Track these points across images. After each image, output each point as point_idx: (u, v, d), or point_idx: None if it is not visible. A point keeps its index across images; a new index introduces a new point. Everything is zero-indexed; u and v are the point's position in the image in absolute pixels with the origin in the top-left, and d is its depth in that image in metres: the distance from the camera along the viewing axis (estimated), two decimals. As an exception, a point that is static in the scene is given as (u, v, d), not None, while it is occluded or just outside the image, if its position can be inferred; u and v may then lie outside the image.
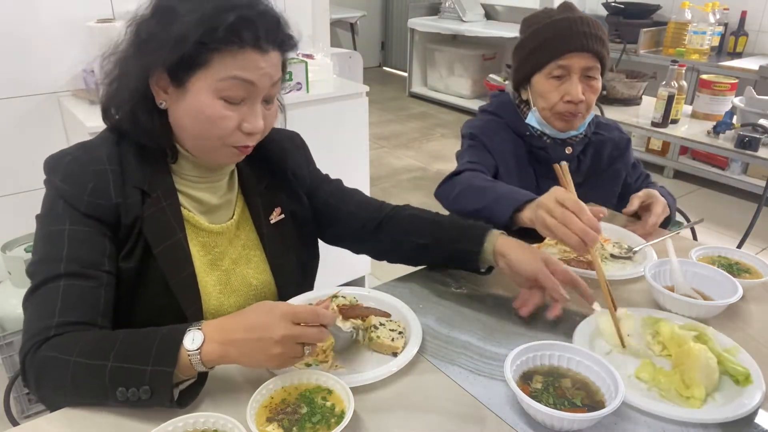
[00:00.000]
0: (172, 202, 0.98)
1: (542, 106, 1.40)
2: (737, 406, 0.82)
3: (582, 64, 1.34)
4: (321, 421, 0.77)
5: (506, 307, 1.08)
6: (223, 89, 0.88)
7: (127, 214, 0.93)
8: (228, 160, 1.00)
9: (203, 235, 1.03)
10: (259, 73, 0.89)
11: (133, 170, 0.96)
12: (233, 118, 0.91)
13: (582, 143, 1.48)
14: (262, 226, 1.08)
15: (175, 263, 0.96)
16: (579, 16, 1.34)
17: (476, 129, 1.49)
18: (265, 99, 0.94)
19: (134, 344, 0.81)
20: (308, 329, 0.80)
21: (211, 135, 0.92)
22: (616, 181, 1.56)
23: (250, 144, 0.95)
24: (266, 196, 1.10)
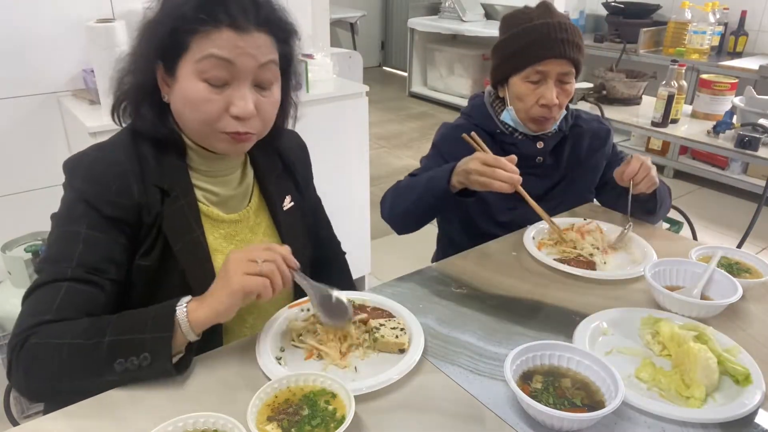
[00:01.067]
0: (190, 200, 1.00)
1: (519, 108, 1.44)
2: (737, 406, 0.83)
3: (558, 70, 1.37)
4: (320, 425, 0.77)
5: (506, 307, 1.08)
6: (203, 70, 0.89)
7: (150, 213, 0.95)
8: (226, 149, 0.98)
9: (224, 226, 1.05)
10: (236, 52, 0.89)
11: (152, 169, 0.97)
12: (217, 101, 0.91)
13: (556, 138, 1.50)
14: (278, 213, 1.12)
15: (194, 260, 0.98)
16: (558, 22, 1.37)
17: (439, 137, 1.56)
18: (258, 84, 0.94)
19: (130, 319, 0.86)
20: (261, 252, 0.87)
21: (199, 120, 0.93)
22: (596, 172, 1.56)
23: (242, 130, 0.94)
24: (280, 183, 1.13)
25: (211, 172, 1.03)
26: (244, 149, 1.01)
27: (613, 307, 1.06)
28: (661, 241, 1.33)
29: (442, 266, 1.23)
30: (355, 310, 1.02)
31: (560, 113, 1.44)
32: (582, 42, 1.40)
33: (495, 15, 5.45)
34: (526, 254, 1.26)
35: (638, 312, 1.04)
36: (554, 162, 1.51)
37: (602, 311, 1.04)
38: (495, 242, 1.33)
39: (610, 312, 1.04)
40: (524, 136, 1.48)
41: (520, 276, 1.19)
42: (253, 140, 0.99)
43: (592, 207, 1.51)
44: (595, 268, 1.22)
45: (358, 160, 2.44)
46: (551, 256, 1.26)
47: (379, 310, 1.04)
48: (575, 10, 4.62)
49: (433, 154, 1.54)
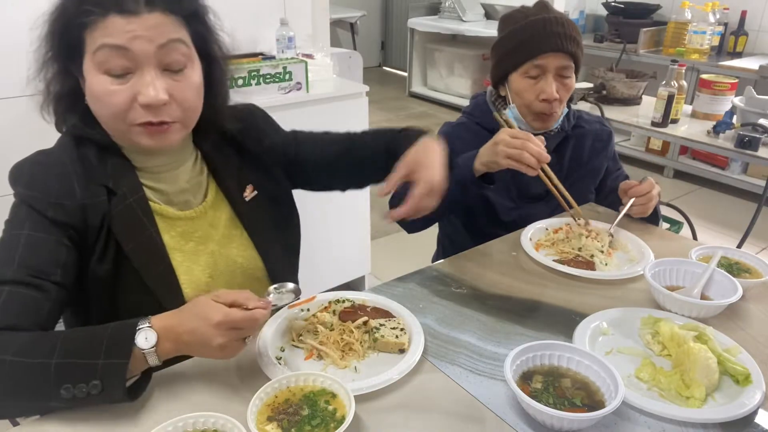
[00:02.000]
0: (139, 198, 0.96)
1: (520, 104, 1.44)
2: (737, 406, 0.83)
3: (556, 64, 1.37)
4: (320, 425, 0.77)
5: (506, 307, 1.08)
6: (101, 63, 0.85)
7: (95, 214, 0.92)
8: (148, 143, 0.92)
9: (180, 224, 1.01)
10: (127, 37, 0.84)
11: (96, 169, 0.94)
12: (121, 92, 0.86)
13: (558, 137, 1.50)
14: (238, 204, 1.07)
15: (148, 259, 0.95)
16: (554, 17, 1.38)
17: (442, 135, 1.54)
18: (167, 67, 0.88)
19: (80, 340, 0.80)
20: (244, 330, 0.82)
21: (108, 115, 0.89)
22: (598, 175, 1.57)
23: (155, 120, 0.88)
24: (236, 173, 1.09)
25: (154, 168, 0.99)
26: (168, 141, 0.93)
27: (612, 307, 1.06)
28: (661, 241, 1.33)
29: (442, 266, 1.23)
30: (356, 310, 1.02)
31: (561, 109, 1.44)
32: (580, 36, 1.40)
33: (495, 15, 5.45)
34: (526, 254, 1.26)
35: (638, 312, 1.04)
36: (556, 162, 1.51)
37: (602, 311, 1.04)
38: (495, 242, 1.33)
39: (610, 312, 1.04)
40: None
41: (520, 276, 1.19)
42: (178, 130, 0.93)
43: (591, 207, 1.51)
44: (594, 268, 1.22)
45: (358, 160, 2.44)
46: (550, 256, 1.26)
47: (379, 310, 1.04)
48: (575, 10, 4.62)
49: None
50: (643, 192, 1.34)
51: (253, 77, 2.04)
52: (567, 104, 1.51)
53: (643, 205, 1.35)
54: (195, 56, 0.93)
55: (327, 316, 1.00)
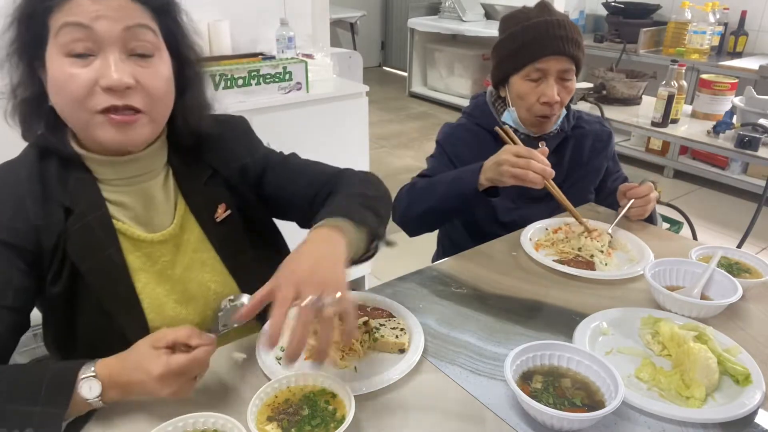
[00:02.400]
0: (101, 215, 0.90)
1: (521, 107, 1.44)
2: (737, 406, 0.82)
3: (558, 67, 1.37)
4: (320, 425, 0.77)
5: (506, 307, 1.08)
6: (63, 45, 0.81)
7: (49, 235, 0.87)
8: (107, 135, 0.85)
9: (145, 246, 0.95)
10: (90, 15, 0.80)
11: (54, 187, 0.89)
12: (83, 74, 0.81)
13: (558, 138, 1.50)
14: (209, 226, 1.00)
15: (107, 281, 0.90)
16: (556, 19, 1.37)
17: (443, 136, 1.56)
18: (133, 52, 0.84)
19: (19, 382, 0.75)
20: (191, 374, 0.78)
21: (70, 101, 0.83)
22: (598, 175, 1.57)
23: (117, 104, 0.82)
24: (207, 193, 1.01)
25: (121, 181, 0.93)
26: (135, 136, 0.86)
27: (612, 307, 1.06)
28: (661, 241, 1.33)
29: (442, 266, 1.23)
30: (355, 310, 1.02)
31: (561, 109, 1.44)
32: (581, 39, 1.40)
33: (495, 15, 5.45)
34: (526, 254, 1.26)
35: (638, 312, 1.04)
36: (556, 162, 1.51)
37: (602, 311, 1.04)
38: (495, 242, 1.33)
39: (610, 312, 1.04)
40: (526, 136, 1.48)
41: (520, 276, 1.19)
42: (145, 123, 0.87)
43: (591, 207, 1.51)
44: (594, 268, 1.22)
45: (358, 160, 2.44)
46: (550, 257, 1.26)
47: (379, 310, 1.04)
48: (575, 10, 4.62)
49: (439, 152, 1.54)
50: (641, 194, 1.35)
51: (253, 77, 2.04)
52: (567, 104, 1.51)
53: (641, 207, 1.36)
54: (164, 49, 0.89)
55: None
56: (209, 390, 0.86)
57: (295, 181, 1.08)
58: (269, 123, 2.11)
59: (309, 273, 0.77)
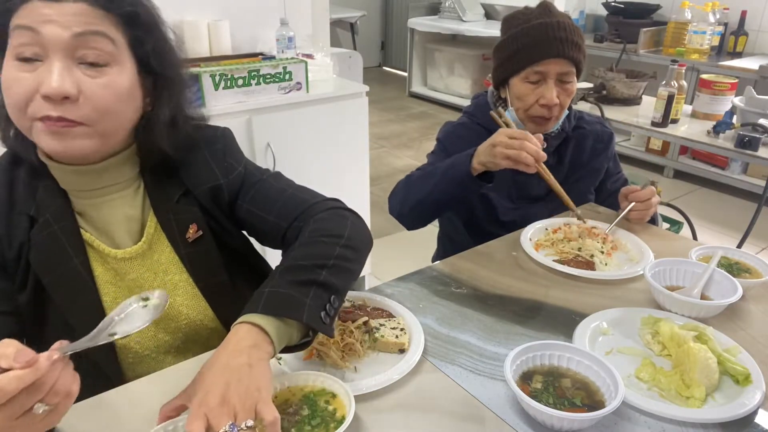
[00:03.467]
0: (66, 225, 0.88)
1: (518, 108, 1.44)
2: (737, 406, 0.83)
3: (558, 70, 1.37)
4: (320, 425, 0.77)
5: (506, 307, 1.08)
6: (14, 47, 0.78)
7: (11, 245, 0.86)
8: (44, 142, 0.81)
9: (112, 261, 0.92)
10: (41, 20, 0.77)
11: (21, 195, 0.88)
12: (27, 79, 0.77)
13: (559, 138, 1.50)
14: (180, 246, 0.96)
15: (72, 293, 0.87)
16: (557, 21, 1.36)
17: (443, 134, 1.56)
18: (81, 59, 0.79)
19: None
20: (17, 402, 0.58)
21: (11, 106, 0.80)
22: (598, 176, 1.57)
23: (54, 114, 0.78)
24: (178, 211, 0.96)
25: (86, 194, 0.90)
26: (73, 146, 0.81)
27: (612, 307, 1.06)
28: (661, 241, 1.33)
29: (442, 266, 1.23)
30: (356, 310, 1.02)
31: (561, 113, 1.44)
32: (582, 41, 1.39)
33: (495, 15, 5.45)
34: (526, 254, 1.26)
35: (638, 312, 1.04)
36: (557, 163, 1.51)
37: (602, 311, 1.04)
38: (495, 242, 1.33)
39: (610, 312, 1.04)
40: None
41: (520, 276, 1.19)
42: (85, 134, 0.81)
43: (591, 207, 1.51)
44: (594, 268, 1.22)
45: (358, 160, 2.44)
46: (550, 257, 1.26)
47: (379, 310, 1.04)
48: (575, 10, 4.62)
49: (439, 148, 1.54)
50: (642, 198, 1.35)
51: (253, 77, 2.04)
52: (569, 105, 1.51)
53: (641, 211, 1.36)
54: (124, 59, 0.84)
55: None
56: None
57: (267, 209, 1.00)
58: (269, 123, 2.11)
59: (220, 396, 0.68)
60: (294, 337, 0.81)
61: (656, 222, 1.47)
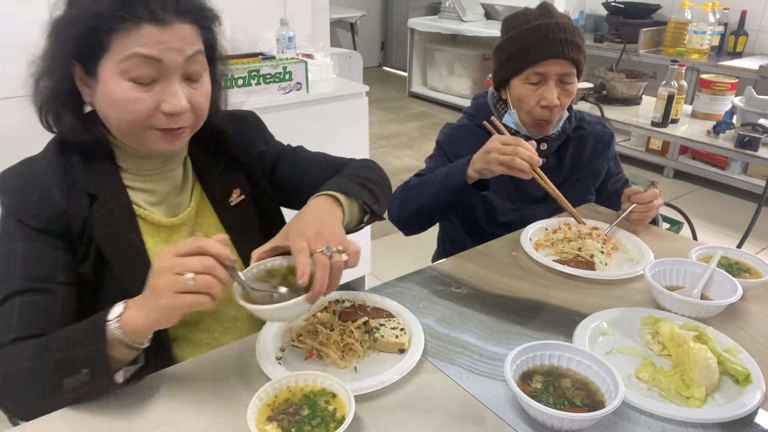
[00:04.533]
0: (122, 203, 0.96)
1: (521, 110, 1.44)
2: (737, 406, 0.83)
3: (558, 71, 1.37)
4: (320, 425, 0.77)
5: (506, 307, 1.08)
6: (128, 70, 0.85)
7: (77, 220, 0.92)
8: (161, 147, 0.93)
9: (163, 231, 1.00)
10: (160, 48, 0.85)
11: (78, 175, 0.94)
12: (146, 99, 0.87)
13: (559, 139, 1.50)
14: (222, 210, 1.06)
15: (129, 264, 0.94)
16: (556, 22, 1.36)
17: (443, 137, 1.56)
18: (188, 77, 0.90)
19: (65, 335, 0.82)
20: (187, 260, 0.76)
21: (128, 120, 0.89)
22: (599, 176, 1.57)
23: (174, 126, 0.90)
24: (223, 179, 1.08)
25: (145, 172, 0.99)
26: (180, 145, 0.96)
27: (612, 307, 1.06)
28: (661, 241, 1.33)
29: (442, 266, 1.23)
30: (356, 310, 1.02)
31: (561, 114, 1.44)
32: (582, 42, 1.39)
33: (495, 15, 5.45)
34: (526, 254, 1.26)
35: (638, 312, 1.04)
36: (557, 164, 1.51)
37: (602, 311, 1.04)
38: (495, 242, 1.33)
39: (610, 312, 1.04)
40: (527, 138, 1.48)
41: (520, 276, 1.19)
42: (187, 135, 0.95)
43: (591, 207, 1.51)
44: (594, 268, 1.22)
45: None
46: (550, 257, 1.26)
47: (379, 310, 1.04)
48: (575, 10, 4.62)
49: (438, 153, 1.54)
50: (644, 200, 1.34)
51: (253, 77, 2.04)
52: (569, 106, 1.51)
53: (642, 213, 1.35)
54: (206, 65, 0.95)
55: (327, 316, 1.00)
56: (209, 390, 0.86)
57: (306, 169, 1.14)
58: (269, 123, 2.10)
59: (315, 231, 0.86)
60: (354, 219, 0.99)
61: (657, 222, 1.47)
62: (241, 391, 0.86)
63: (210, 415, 0.81)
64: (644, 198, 1.34)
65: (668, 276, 1.14)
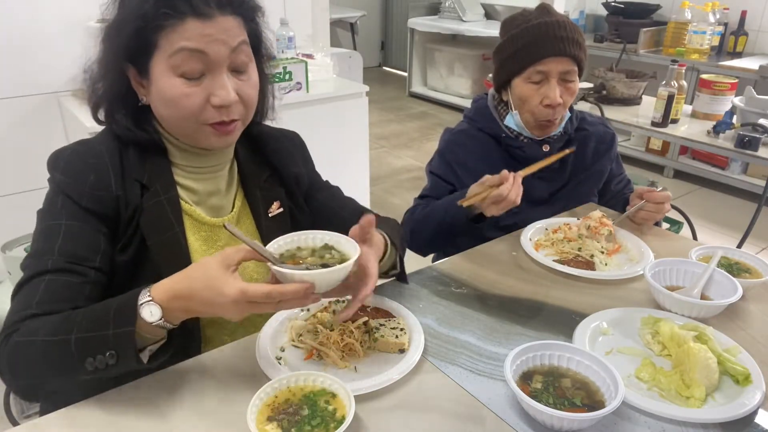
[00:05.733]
0: (171, 196, 0.98)
1: (524, 110, 1.43)
2: (737, 406, 0.83)
3: (560, 68, 1.36)
4: (320, 425, 0.77)
5: (506, 307, 1.08)
6: (177, 65, 0.88)
7: (127, 206, 0.94)
8: (214, 142, 0.96)
9: (205, 229, 1.03)
10: (206, 41, 0.87)
11: (133, 164, 0.97)
12: (197, 93, 0.90)
13: (561, 140, 1.49)
14: (261, 219, 1.08)
15: (170, 257, 0.96)
16: (556, 20, 1.37)
17: (444, 144, 1.55)
18: (234, 68, 0.92)
19: (94, 313, 0.81)
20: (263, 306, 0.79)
21: (182, 116, 0.91)
22: (601, 177, 1.57)
23: (226, 119, 0.93)
24: (266, 189, 1.10)
25: (195, 169, 1.02)
26: (231, 141, 0.99)
27: (612, 307, 1.06)
28: (661, 241, 1.33)
29: (442, 266, 1.23)
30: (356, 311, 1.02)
31: (564, 113, 1.44)
32: (582, 39, 1.39)
33: (495, 15, 5.46)
34: (526, 254, 1.26)
35: (638, 312, 1.04)
36: (560, 165, 1.50)
37: (602, 311, 1.04)
38: (495, 242, 1.33)
39: (610, 312, 1.04)
40: (530, 140, 1.47)
41: (520, 276, 1.19)
42: (240, 128, 0.97)
43: (591, 207, 1.51)
44: (594, 268, 1.22)
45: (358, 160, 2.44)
46: (550, 257, 1.26)
47: (379, 310, 1.04)
48: (575, 10, 4.62)
49: (440, 162, 1.54)
50: (658, 200, 1.34)
51: (253, 77, 2.04)
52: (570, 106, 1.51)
53: (651, 212, 1.35)
54: (251, 55, 0.96)
55: (327, 316, 1.00)
56: (209, 390, 0.86)
57: (342, 206, 1.20)
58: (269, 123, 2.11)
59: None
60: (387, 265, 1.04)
61: (658, 222, 1.46)
62: (241, 391, 0.86)
63: (210, 415, 0.81)
64: (657, 197, 1.34)
65: (668, 276, 1.14)
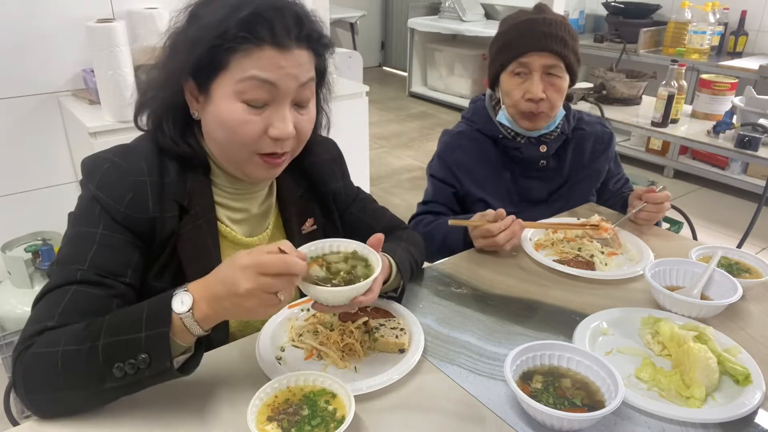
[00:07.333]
0: (210, 219, 0.96)
1: (508, 104, 1.44)
2: (737, 406, 0.83)
3: (542, 62, 1.37)
4: (320, 425, 0.77)
5: (506, 307, 1.08)
6: (243, 91, 0.85)
7: (164, 228, 0.91)
8: (258, 173, 0.94)
9: (240, 248, 0.99)
10: (279, 73, 0.85)
11: (173, 183, 0.93)
12: (257, 122, 0.87)
13: (558, 140, 1.49)
14: (294, 237, 1.06)
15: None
16: (543, 17, 1.38)
17: (443, 147, 1.55)
18: (296, 102, 0.90)
19: (123, 318, 0.78)
20: (276, 280, 0.74)
21: (236, 142, 0.89)
22: (599, 177, 1.57)
23: (279, 151, 0.91)
24: (301, 205, 1.09)
25: (236, 190, 1.00)
26: (277, 173, 0.97)
27: (612, 307, 1.06)
28: (661, 241, 1.33)
29: (442, 266, 1.23)
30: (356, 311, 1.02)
31: (553, 111, 1.43)
32: (572, 39, 1.39)
33: (495, 15, 5.46)
34: (526, 254, 1.26)
35: (638, 312, 1.04)
36: (557, 165, 1.50)
37: (602, 311, 1.04)
38: (495, 242, 1.33)
39: (610, 312, 1.04)
40: (527, 140, 1.47)
41: (520, 276, 1.19)
42: (287, 161, 0.95)
43: (591, 207, 1.51)
44: (594, 268, 1.22)
45: (358, 160, 2.44)
46: (550, 257, 1.26)
47: (379, 310, 1.04)
48: (575, 10, 4.63)
49: (439, 165, 1.54)
50: (658, 200, 1.34)
51: (253, 77, 2.04)
52: (567, 105, 1.51)
53: (651, 213, 1.35)
54: (315, 91, 0.95)
55: (327, 316, 1.00)
56: (209, 390, 0.86)
57: (377, 219, 1.19)
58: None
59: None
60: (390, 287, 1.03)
61: (658, 222, 1.47)
62: (241, 391, 0.86)
63: (210, 415, 0.81)
64: (657, 198, 1.34)
65: (668, 276, 1.14)
